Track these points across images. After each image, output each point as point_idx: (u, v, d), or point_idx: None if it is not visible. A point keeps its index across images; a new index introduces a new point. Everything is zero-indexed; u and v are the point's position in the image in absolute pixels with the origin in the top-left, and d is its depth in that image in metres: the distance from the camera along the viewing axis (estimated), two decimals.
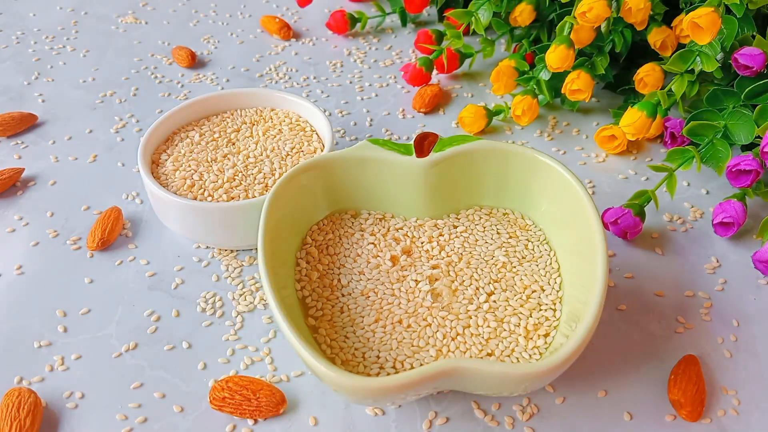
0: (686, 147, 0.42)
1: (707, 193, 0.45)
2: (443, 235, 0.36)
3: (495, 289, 0.33)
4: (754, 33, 0.42)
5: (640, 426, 0.32)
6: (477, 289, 0.33)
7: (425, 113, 0.53)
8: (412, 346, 0.31)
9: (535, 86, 0.48)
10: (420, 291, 0.33)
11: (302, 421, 0.32)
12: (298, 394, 0.33)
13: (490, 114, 0.50)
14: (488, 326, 0.32)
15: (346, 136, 0.50)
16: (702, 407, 0.32)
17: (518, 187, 0.36)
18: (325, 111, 0.51)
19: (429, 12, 0.66)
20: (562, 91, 0.47)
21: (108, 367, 0.34)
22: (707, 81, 0.44)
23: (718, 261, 0.40)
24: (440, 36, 0.57)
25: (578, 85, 0.46)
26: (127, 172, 0.47)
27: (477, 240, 0.36)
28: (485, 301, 0.33)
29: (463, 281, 0.34)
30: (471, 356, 0.31)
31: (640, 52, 0.49)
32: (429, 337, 0.31)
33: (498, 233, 0.36)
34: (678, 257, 0.40)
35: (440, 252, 0.35)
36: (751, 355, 0.35)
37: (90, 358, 0.35)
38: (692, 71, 0.43)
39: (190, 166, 0.40)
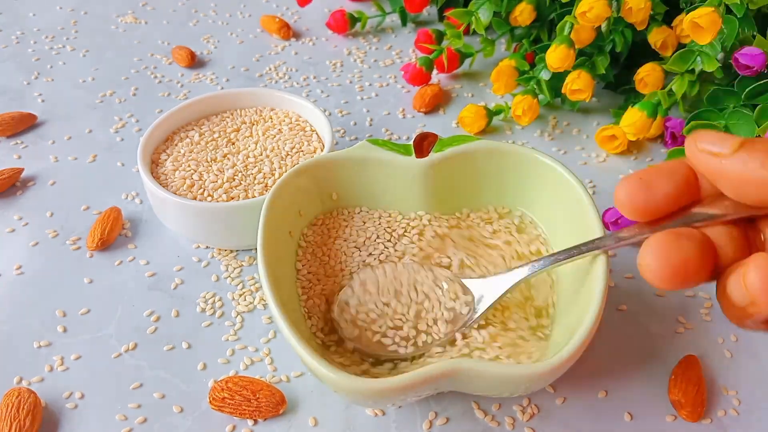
0: None
1: None
2: (442, 236, 0.36)
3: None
4: (755, 33, 0.42)
5: (641, 426, 0.32)
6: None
7: (425, 113, 0.53)
8: (413, 347, 0.31)
9: (535, 86, 0.48)
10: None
11: (302, 422, 0.32)
12: (298, 394, 0.33)
13: (491, 114, 0.50)
14: (488, 328, 0.32)
15: (346, 136, 0.50)
16: (702, 407, 0.32)
17: (518, 187, 0.36)
18: (325, 111, 0.51)
19: (429, 11, 0.66)
20: (563, 91, 0.47)
21: (108, 368, 0.34)
22: (708, 81, 0.44)
23: None
24: (440, 35, 0.57)
25: (579, 84, 0.46)
26: (127, 172, 0.47)
27: (476, 240, 0.36)
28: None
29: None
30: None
31: (640, 52, 0.49)
32: (430, 338, 0.31)
33: (496, 232, 0.36)
34: None
35: (439, 253, 0.35)
36: (751, 356, 0.35)
37: (90, 358, 0.35)
38: (693, 71, 0.43)
39: (189, 165, 0.40)
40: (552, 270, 0.34)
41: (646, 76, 0.45)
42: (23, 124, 0.50)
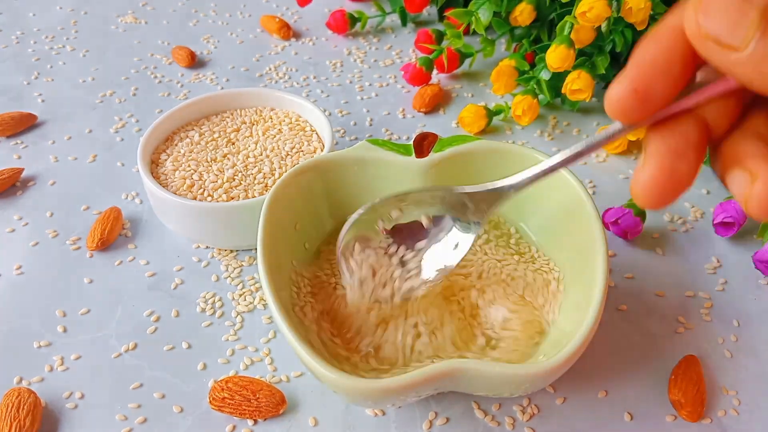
0: None
1: (708, 193, 0.45)
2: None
3: (495, 290, 0.33)
4: None
5: (641, 426, 0.32)
6: (478, 291, 0.33)
7: (425, 113, 0.53)
8: (413, 347, 0.31)
9: (535, 86, 0.48)
10: (420, 293, 0.33)
11: (302, 422, 0.32)
12: (298, 394, 0.33)
13: (490, 114, 0.50)
14: (489, 328, 0.32)
15: (346, 136, 0.50)
16: (702, 407, 0.32)
17: None
18: (325, 111, 0.51)
19: (429, 11, 0.66)
20: (563, 91, 0.47)
21: (108, 368, 0.34)
22: None
23: (718, 261, 0.40)
24: (440, 35, 0.57)
25: (579, 84, 0.46)
26: (127, 172, 0.47)
27: (476, 245, 0.36)
28: (486, 304, 0.33)
29: (464, 283, 0.34)
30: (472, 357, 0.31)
31: None
32: (430, 339, 0.31)
33: (497, 235, 0.36)
34: (678, 257, 0.40)
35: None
36: (751, 356, 0.35)
37: (89, 358, 0.35)
38: None
39: (189, 165, 0.40)
40: (558, 279, 0.34)
41: None
42: (23, 124, 0.50)
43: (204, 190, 0.39)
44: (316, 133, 0.44)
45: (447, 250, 0.31)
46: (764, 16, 0.17)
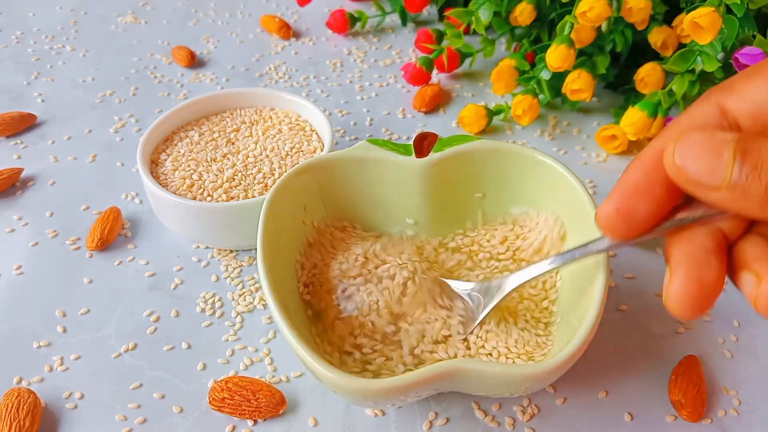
0: None
1: None
2: (444, 244, 0.36)
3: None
4: (755, 33, 0.42)
5: (641, 426, 0.32)
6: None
7: (425, 113, 0.53)
8: (413, 347, 0.31)
9: (535, 86, 0.48)
10: (421, 292, 0.33)
11: (302, 422, 0.32)
12: (298, 394, 0.33)
13: (491, 114, 0.50)
14: (488, 329, 0.32)
15: (346, 136, 0.50)
16: (703, 408, 0.32)
17: (518, 187, 0.36)
18: (325, 111, 0.51)
19: (429, 11, 0.66)
20: (563, 91, 0.47)
21: (107, 368, 0.34)
22: (708, 81, 0.44)
23: None
24: (440, 35, 0.57)
25: (579, 84, 0.46)
26: (127, 171, 0.47)
27: (477, 245, 0.36)
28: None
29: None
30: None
31: (640, 52, 0.49)
32: (430, 339, 0.31)
33: (496, 234, 0.36)
34: None
35: (442, 254, 0.35)
36: (751, 356, 0.35)
37: (89, 358, 0.35)
38: (693, 71, 0.43)
39: (189, 165, 0.40)
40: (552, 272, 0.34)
41: (647, 75, 0.45)
42: (23, 124, 0.50)
43: (204, 190, 0.39)
44: (316, 133, 0.44)
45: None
46: (736, 154, 0.18)
